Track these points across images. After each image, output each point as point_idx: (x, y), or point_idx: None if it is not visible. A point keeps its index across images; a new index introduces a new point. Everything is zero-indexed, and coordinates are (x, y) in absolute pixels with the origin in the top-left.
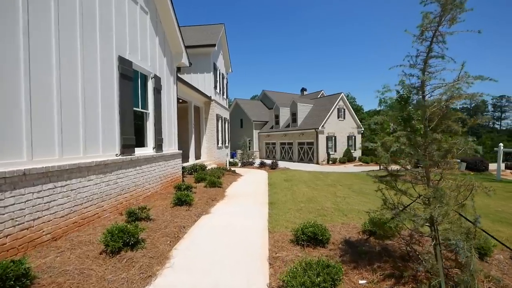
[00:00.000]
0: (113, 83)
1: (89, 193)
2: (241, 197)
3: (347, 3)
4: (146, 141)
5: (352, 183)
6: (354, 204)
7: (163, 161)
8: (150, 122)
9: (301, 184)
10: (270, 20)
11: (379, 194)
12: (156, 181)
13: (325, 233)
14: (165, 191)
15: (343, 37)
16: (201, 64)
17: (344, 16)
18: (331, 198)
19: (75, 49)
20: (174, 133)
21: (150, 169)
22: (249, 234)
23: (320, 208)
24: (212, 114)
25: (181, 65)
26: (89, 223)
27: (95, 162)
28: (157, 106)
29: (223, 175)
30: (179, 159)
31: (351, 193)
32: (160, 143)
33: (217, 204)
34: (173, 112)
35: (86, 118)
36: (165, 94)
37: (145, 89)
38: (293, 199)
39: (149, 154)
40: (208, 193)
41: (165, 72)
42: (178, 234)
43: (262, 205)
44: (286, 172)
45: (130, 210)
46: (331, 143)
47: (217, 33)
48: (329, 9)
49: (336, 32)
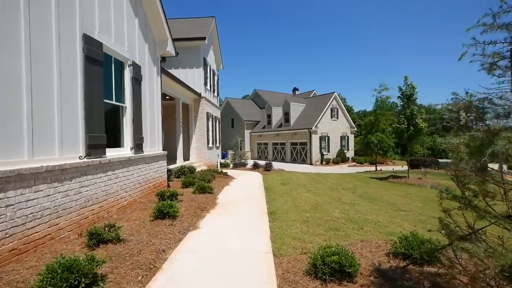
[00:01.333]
0: (75, 67)
1: (36, 209)
2: (236, 205)
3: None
4: (122, 140)
5: (355, 186)
6: (366, 213)
7: (143, 164)
8: (128, 118)
9: (300, 188)
10: (260, 20)
11: (387, 200)
12: (135, 187)
13: (353, 262)
14: (146, 199)
15: (334, 37)
16: (190, 59)
17: (334, 15)
18: (337, 206)
19: (17, 19)
20: (157, 131)
21: (126, 174)
22: (249, 260)
23: (329, 218)
24: (202, 112)
25: (166, 54)
26: (36, 248)
27: (46, 167)
28: (136, 100)
29: (214, 178)
30: (163, 161)
31: (357, 199)
32: (140, 143)
33: (207, 216)
34: (157, 108)
35: (34, 110)
36: (146, 86)
37: (121, 79)
38: (295, 207)
39: (125, 155)
40: (196, 200)
41: (147, 60)
42: (154, 263)
43: (260, 215)
44: (282, 174)
45: (92, 230)
46: (325, 143)
47: (208, 26)
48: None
49: (327, 32)
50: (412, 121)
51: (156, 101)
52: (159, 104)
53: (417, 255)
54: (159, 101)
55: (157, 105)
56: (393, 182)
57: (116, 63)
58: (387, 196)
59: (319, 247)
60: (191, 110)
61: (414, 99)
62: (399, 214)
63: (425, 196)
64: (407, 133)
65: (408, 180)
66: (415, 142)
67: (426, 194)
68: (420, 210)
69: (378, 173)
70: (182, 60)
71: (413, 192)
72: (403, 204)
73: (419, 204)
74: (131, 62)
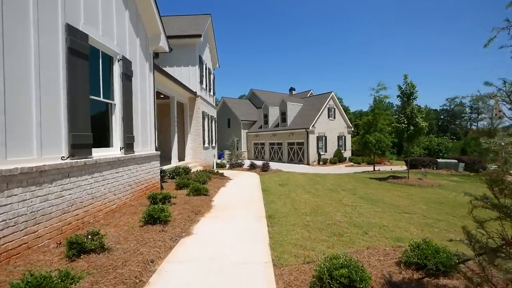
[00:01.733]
0: (57, 60)
1: (10, 215)
2: (232, 208)
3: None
4: (111, 139)
5: (355, 187)
6: (369, 216)
7: (134, 164)
8: (117, 116)
9: (299, 189)
10: (256, 20)
11: (389, 201)
12: (125, 190)
13: (364, 275)
14: (138, 202)
15: (331, 36)
16: (185, 57)
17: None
18: (339, 208)
19: None
20: (150, 130)
21: (115, 176)
22: (247, 272)
23: (331, 222)
24: (197, 112)
25: (159, 50)
26: (9, 259)
27: (22, 169)
28: (126, 96)
29: (210, 179)
30: (156, 162)
31: (358, 201)
32: (131, 142)
33: (201, 220)
34: (149, 105)
35: (8, 106)
36: (138, 82)
37: (110, 74)
38: (295, 209)
39: (114, 156)
40: (190, 203)
41: (138, 55)
42: (141, 277)
43: (258, 219)
44: (279, 175)
45: (73, 239)
46: (322, 143)
47: (203, 23)
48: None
49: (325, 31)
50: (413, 120)
51: (149, 99)
52: (151, 102)
53: (432, 266)
54: (152, 99)
55: (150, 103)
56: (393, 182)
57: (104, 57)
58: (388, 197)
59: (324, 257)
60: (186, 109)
61: (414, 97)
62: (403, 217)
63: (427, 198)
64: (407, 132)
65: (408, 181)
66: (415, 142)
67: (428, 195)
68: (425, 212)
69: (377, 173)
70: (177, 58)
71: (415, 193)
72: (406, 206)
73: (423, 206)
74: (121, 56)
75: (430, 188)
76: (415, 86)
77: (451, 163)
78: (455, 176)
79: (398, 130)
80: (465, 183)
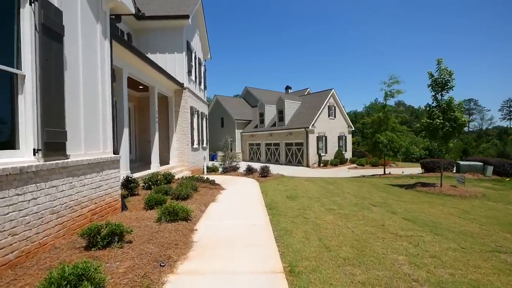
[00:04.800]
0: None
1: None
2: (224, 250)
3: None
4: (16, 137)
5: (385, 200)
6: (452, 263)
7: (67, 176)
8: (27, 97)
9: (315, 204)
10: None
11: (452, 226)
12: (42, 222)
13: None
14: (69, 239)
15: (328, 34)
16: (170, 42)
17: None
18: (391, 243)
19: None
20: (103, 124)
21: (20, 200)
22: None
23: (400, 281)
24: (185, 107)
25: (119, 10)
26: None
27: None
28: (49, 65)
29: (196, 191)
30: (114, 171)
31: (408, 226)
32: (59, 142)
33: (166, 286)
34: (103, 88)
35: None
36: (79, 49)
37: (15, 25)
38: (327, 249)
39: (19, 165)
40: (157, 240)
41: (80, 7)
42: None
43: (272, 279)
44: (283, 182)
45: None
46: (322, 144)
47: (192, 4)
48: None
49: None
50: (449, 115)
51: (101, 78)
52: (107, 84)
53: None
54: (108, 80)
55: (103, 84)
56: (425, 192)
57: None
58: (443, 218)
59: None
60: (171, 103)
61: (450, 87)
62: (505, 263)
63: (492, 216)
64: (442, 130)
65: (444, 190)
66: (451, 142)
67: (485, 211)
68: None
69: (391, 177)
70: (160, 43)
71: (467, 209)
72: (482, 234)
73: (502, 232)
74: None
75: (476, 200)
76: (453, 73)
77: (476, 165)
78: (485, 182)
79: (430, 127)
80: (509, 190)
